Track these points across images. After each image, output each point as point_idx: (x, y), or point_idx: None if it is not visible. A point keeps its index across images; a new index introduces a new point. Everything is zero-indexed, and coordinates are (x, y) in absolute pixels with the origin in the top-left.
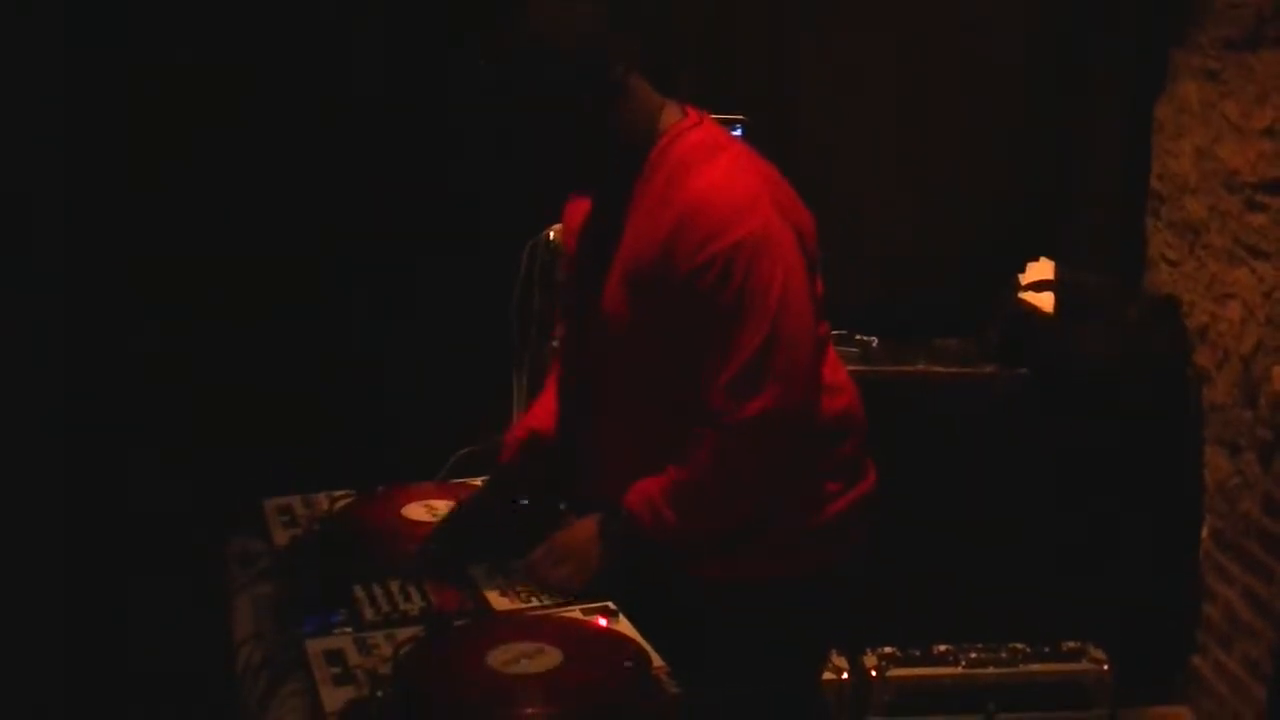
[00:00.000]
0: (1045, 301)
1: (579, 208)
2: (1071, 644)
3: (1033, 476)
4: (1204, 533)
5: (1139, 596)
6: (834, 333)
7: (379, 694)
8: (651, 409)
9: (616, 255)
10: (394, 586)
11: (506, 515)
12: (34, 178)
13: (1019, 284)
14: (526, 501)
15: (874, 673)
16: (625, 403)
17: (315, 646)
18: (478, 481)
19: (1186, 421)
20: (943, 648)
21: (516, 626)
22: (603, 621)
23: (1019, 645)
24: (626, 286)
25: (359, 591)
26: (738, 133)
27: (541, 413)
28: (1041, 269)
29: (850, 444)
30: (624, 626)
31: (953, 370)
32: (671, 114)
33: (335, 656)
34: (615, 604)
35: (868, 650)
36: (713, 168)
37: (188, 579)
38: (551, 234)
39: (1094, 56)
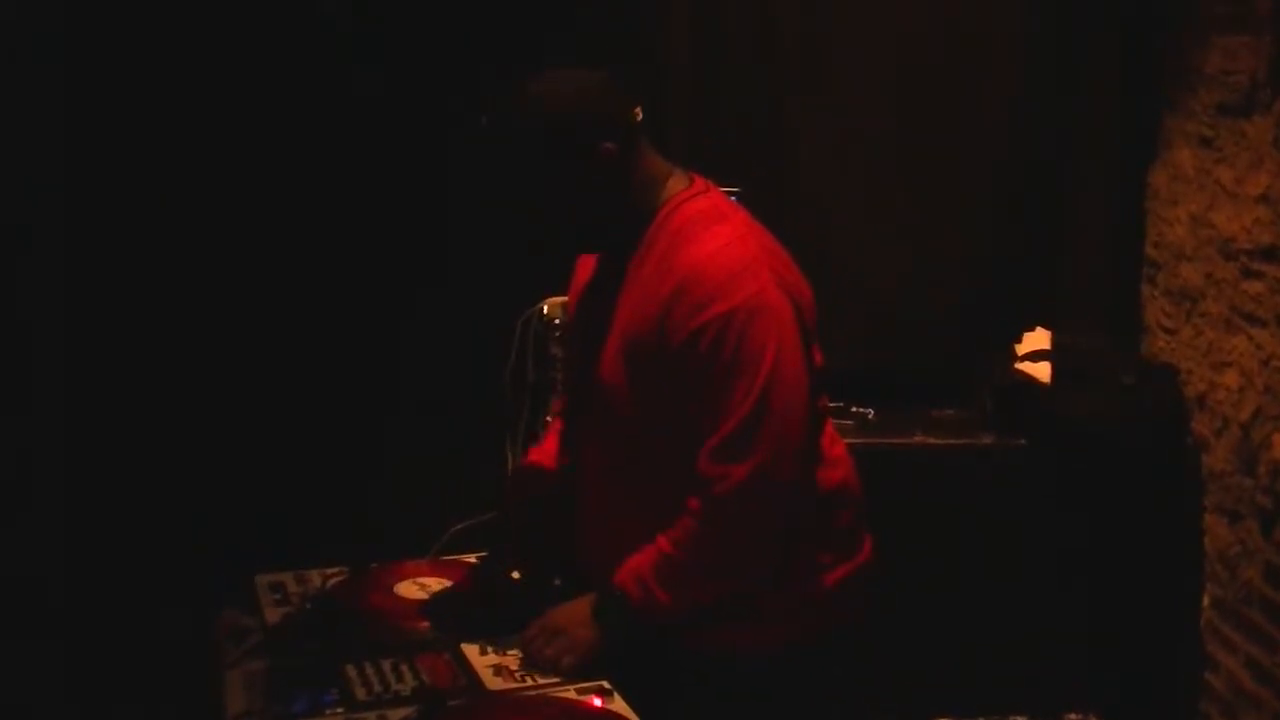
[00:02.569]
0: (1042, 371)
1: (585, 270)
2: (1073, 715)
3: (1031, 546)
4: (1205, 601)
5: (1140, 666)
6: (831, 405)
7: None
8: (648, 478)
9: (614, 324)
10: (386, 665)
11: (500, 589)
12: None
13: (1016, 354)
14: (518, 575)
15: None
16: (622, 472)
17: None
18: (472, 558)
19: (1186, 490)
20: None
21: (510, 707)
22: (598, 701)
23: (1020, 717)
24: (624, 356)
25: (351, 670)
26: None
27: (542, 451)
28: (1038, 339)
29: (846, 517)
30: (619, 706)
31: (949, 441)
32: (677, 182)
33: None
34: (610, 683)
35: None
36: (711, 237)
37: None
38: (545, 307)
39: (1087, 124)
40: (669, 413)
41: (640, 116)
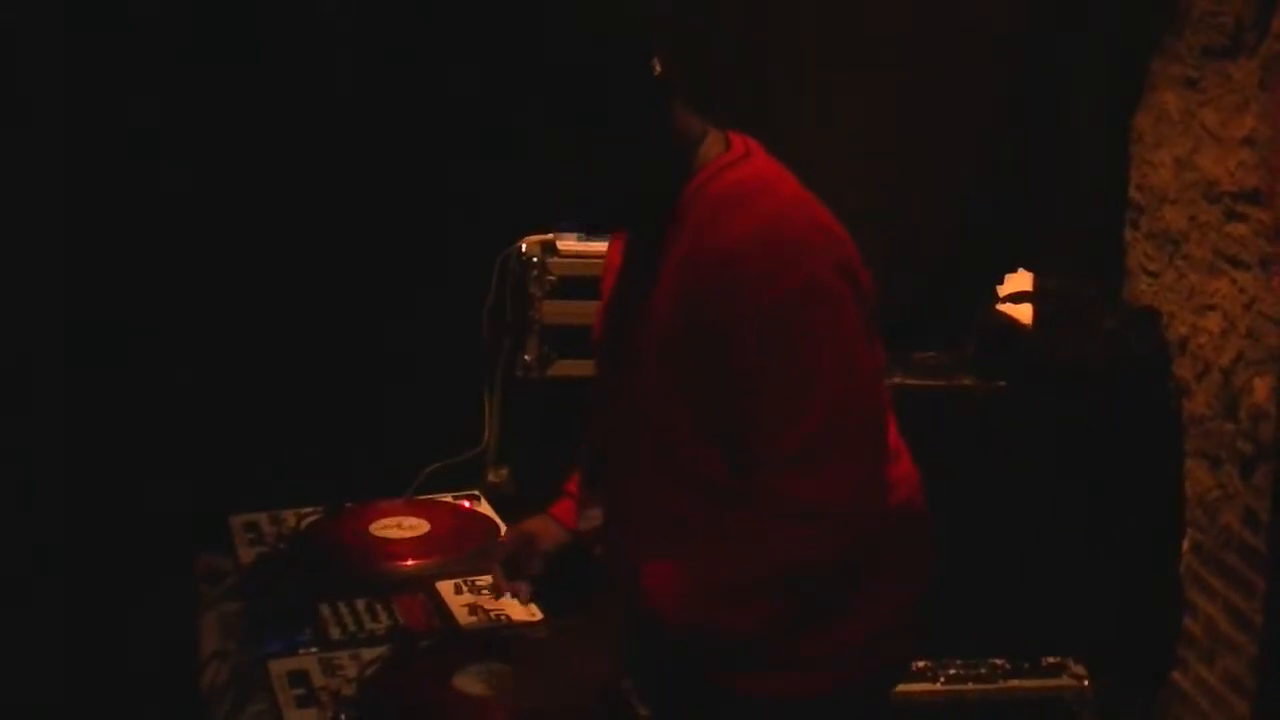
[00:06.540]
0: (1024, 313)
1: (616, 253)
2: (1051, 659)
3: (1011, 490)
4: (1185, 546)
5: (1120, 610)
6: None
7: (342, 716)
8: (674, 482)
9: (644, 311)
10: (361, 605)
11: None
12: (28, 176)
13: (997, 296)
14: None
15: None
16: (647, 474)
17: (279, 667)
18: (448, 498)
19: (1167, 434)
20: (921, 663)
21: (483, 646)
22: None
23: (998, 661)
24: (655, 347)
25: (325, 610)
26: None
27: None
28: (1020, 280)
29: (905, 547)
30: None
31: (930, 383)
32: (713, 146)
33: (299, 678)
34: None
35: None
36: (752, 211)
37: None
38: (524, 246)
39: (1072, 66)
40: (703, 414)
41: (659, 69)
